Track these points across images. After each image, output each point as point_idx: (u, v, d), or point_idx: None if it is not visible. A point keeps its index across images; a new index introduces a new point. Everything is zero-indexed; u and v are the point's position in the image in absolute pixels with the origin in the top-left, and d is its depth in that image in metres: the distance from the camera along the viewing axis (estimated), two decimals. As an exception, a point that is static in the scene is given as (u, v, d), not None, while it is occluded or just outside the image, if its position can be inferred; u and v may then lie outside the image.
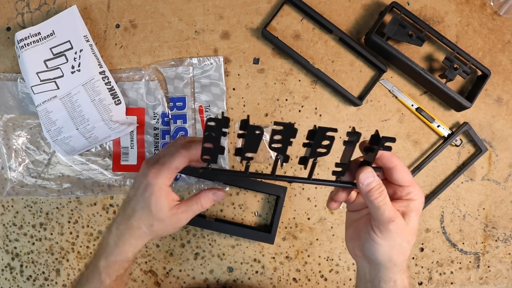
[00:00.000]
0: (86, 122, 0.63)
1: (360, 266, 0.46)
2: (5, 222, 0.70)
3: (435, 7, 0.68)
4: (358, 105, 0.68)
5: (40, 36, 0.65)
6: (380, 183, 0.41)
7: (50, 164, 0.69)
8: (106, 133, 0.65)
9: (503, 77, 0.69)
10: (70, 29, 0.65)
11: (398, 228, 0.40)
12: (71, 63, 0.64)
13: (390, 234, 0.41)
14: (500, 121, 0.69)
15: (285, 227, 0.69)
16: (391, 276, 0.43)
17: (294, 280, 0.70)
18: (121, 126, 0.65)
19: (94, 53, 0.65)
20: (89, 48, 0.65)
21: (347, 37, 0.66)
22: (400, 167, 0.42)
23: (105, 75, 0.65)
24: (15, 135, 0.69)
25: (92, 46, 0.65)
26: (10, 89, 0.68)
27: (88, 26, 0.67)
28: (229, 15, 0.68)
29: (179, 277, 0.70)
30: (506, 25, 0.69)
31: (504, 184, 0.70)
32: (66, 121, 0.63)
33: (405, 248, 0.42)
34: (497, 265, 0.70)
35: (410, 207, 0.42)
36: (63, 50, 0.64)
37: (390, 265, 0.42)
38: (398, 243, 0.41)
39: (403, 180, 0.42)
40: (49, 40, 0.65)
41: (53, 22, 0.65)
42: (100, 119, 0.64)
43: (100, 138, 0.66)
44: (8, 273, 0.71)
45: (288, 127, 0.38)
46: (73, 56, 0.64)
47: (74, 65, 0.64)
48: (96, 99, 0.63)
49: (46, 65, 0.64)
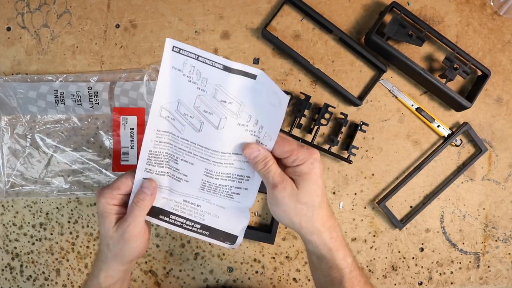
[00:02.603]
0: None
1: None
2: (5, 222, 0.70)
3: (435, 7, 0.68)
4: (358, 105, 0.68)
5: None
6: (265, 155, 0.44)
7: (50, 165, 0.69)
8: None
9: (503, 77, 0.69)
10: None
11: (284, 193, 0.43)
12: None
13: (277, 199, 0.43)
14: (500, 121, 0.69)
15: (285, 227, 0.69)
16: (308, 238, 0.45)
17: (294, 280, 0.70)
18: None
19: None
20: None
21: (347, 37, 0.66)
22: (278, 141, 0.44)
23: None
24: (15, 135, 0.69)
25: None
26: (10, 90, 0.68)
27: (88, 26, 0.68)
28: (229, 15, 0.68)
29: (179, 277, 0.70)
30: (506, 25, 0.69)
31: (504, 184, 0.70)
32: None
33: (303, 210, 0.43)
34: (497, 265, 0.70)
35: (297, 172, 0.43)
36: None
37: (297, 228, 0.44)
38: (291, 207, 0.43)
39: (283, 152, 0.44)
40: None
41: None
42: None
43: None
44: (8, 273, 0.71)
45: (306, 97, 0.65)
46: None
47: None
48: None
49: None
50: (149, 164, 0.46)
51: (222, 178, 0.47)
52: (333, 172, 0.69)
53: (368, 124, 0.67)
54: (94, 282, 0.50)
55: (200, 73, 0.41)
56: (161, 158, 0.46)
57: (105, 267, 0.49)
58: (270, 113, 0.44)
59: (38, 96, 0.68)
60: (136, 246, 0.47)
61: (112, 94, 0.68)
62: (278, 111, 0.43)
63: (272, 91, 0.42)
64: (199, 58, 0.41)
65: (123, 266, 0.49)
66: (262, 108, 0.43)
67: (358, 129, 0.67)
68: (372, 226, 0.70)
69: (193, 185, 0.47)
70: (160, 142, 0.45)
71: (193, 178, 0.47)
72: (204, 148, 0.45)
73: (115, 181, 0.47)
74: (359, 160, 0.69)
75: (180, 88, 0.42)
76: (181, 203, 0.48)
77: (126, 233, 0.46)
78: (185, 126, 0.44)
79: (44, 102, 0.68)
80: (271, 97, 0.43)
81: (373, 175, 0.69)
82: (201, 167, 0.46)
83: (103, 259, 0.49)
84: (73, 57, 0.69)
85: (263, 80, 0.42)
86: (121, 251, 0.47)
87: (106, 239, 0.47)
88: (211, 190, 0.48)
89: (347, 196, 0.69)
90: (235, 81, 0.41)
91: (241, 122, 0.44)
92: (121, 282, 0.51)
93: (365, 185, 0.69)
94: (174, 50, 0.41)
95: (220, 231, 0.49)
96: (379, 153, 0.69)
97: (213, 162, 0.46)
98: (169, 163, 0.47)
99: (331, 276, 0.46)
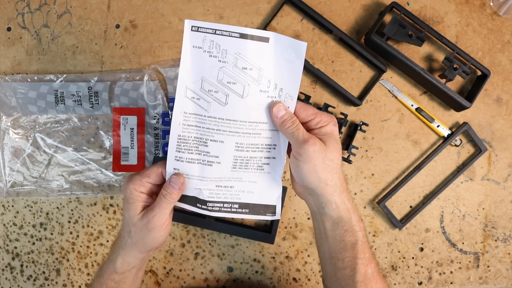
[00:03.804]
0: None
1: (308, 204, 0.49)
2: (5, 222, 0.70)
3: (435, 7, 0.69)
4: (358, 105, 0.68)
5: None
6: (291, 115, 0.46)
7: (50, 165, 0.69)
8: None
9: (502, 77, 0.69)
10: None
11: (314, 147, 0.44)
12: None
13: (308, 154, 0.44)
14: (499, 121, 0.69)
15: (285, 227, 0.69)
16: (329, 198, 0.46)
17: (294, 280, 0.70)
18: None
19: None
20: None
21: (347, 37, 0.66)
22: (300, 107, 0.47)
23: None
24: (15, 135, 0.69)
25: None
26: (10, 90, 0.68)
27: (88, 26, 0.68)
28: (229, 15, 0.68)
29: (179, 276, 0.70)
30: (505, 25, 0.69)
31: (504, 184, 0.70)
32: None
33: (330, 166, 0.45)
34: (496, 265, 0.71)
35: (322, 132, 0.46)
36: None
37: (322, 185, 0.45)
38: (320, 162, 0.44)
39: (307, 115, 0.47)
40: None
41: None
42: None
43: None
44: (9, 273, 0.71)
45: (306, 97, 0.65)
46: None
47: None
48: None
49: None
50: (178, 151, 0.47)
51: (252, 150, 0.48)
52: (333, 172, 0.69)
53: (368, 124, 0.67)
54: (110, 267, 0.50)
55: (219, 45, 0.44)
56: (190, 144, 0.47)
57: (123, 252, 0.49)
58: (287, 72, 0.46)
59: (38, 96, 0.68)
60: (158, 237, 0.48)
61: (112, 94, 0.68)
62: (296, 65, 0.46)
63: (286, 47, 0.45)
64: (216, 31, 0.43)
65: (141, 254, 0.50)
66: (279, 69, 0.45)
67: (358, 129, 0.67)
68: (372, 226, 0.70)
69: (225, 165, 0.48)
70: (188, 126, 0.47)
71: (224, 158, 0.48)
72: (232, 121, 0.46)
73: (146, 169, 0.48)
74: (359, 160, 0.69)
75: (202, 65, 0.44)
76: (214, 190, 0.49)
77: (151, 223, 0.46)
78: (211, 103, 0.46)
79: (44, 102, 0.68)
80: (286, 53, 0.45)
81: (373, 175, 0.69)
82: (232, 142, 0.47)
83: (122, 245, 0.49)
84: (73, 57, 0.69)
85: (275, 40, 0.44)
86: (142, 239, 0.48)
87: (129, 225, 0.47)
88: (243, 166, 0.49)
89: (347, 196, 0.69)
90: (252, 47, 0.44)
91: (262, 89, 0.46)
92: (137, 270, 0.51)
93: (365, 185, 0.69)
94: (193, 29, 0.43)
95: (259, 205, 0.50)
96: (379, 153, 0.69)
97: (242, 133, 0.47)
98: (198, 148, 0.47)
99: (345, 241, 0.47)
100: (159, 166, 0.48)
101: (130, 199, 0.47)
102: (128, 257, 0.49)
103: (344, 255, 0.47)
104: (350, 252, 0.47)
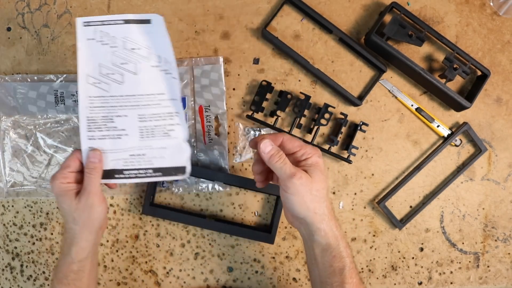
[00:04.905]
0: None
1: (300, 232, 0.52)
2: (5, 222, 0.70)
3: (435, 7, 0.69)
4: (358, 105, 0.68)
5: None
6: (278, 149, 0.49)
7: (50, 165, 0.69)
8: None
9: (502, 77, 0.69)
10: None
11: (301, 181, 0.47)
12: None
13: (296, 187, 0.47)
14: (499, 121, 0.69)
15: (285, 227, 0.69)
16: (318, 226, 0.49)
17: (294, 280, 0.70)
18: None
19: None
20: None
21: (347, 37, 0.66)
22: (287, 139, 0.50)
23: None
24: (15, 135, 0.69)
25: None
26: (10, 90, 0.68)
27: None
28: (229, 15, 0.68)
29: (179, 277, 0.70)
30: (505, 25, 0.69)
31: (504, 184, 0.70)
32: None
33: (317, 196, 0.48)
34: (496, 265, 0.71)
35: (308, 164, 0.49)
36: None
37: (311, 214, 0.48)
38: (307, 194, 0.48)
39: (293, 146, 0.50)
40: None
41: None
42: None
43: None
44: (9, 273, 0.71)
45: (306, 97, 0.65)
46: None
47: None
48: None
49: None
50: (89, 130, 0.52)
51: (155, 119, 0.53)
52: (333, 172, 0.69)
53: (368, 124, 0.67)
54: (67, 260, 0.52)
55: (108, 33, 0.51)
56: (99, 123, 0.52)
57: (75, 241, 0.51)
58: (164, 44, 0.52)
59: (38, 96, 0.68)
60: (100, 211, 0.51)
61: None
62: (160, 35, 0.52)
63: (159, 24, 0.52)
64: (104, 22, 0.51)
65: (92, 235, 0.52)
66: (165, 45, 0.52)
67: (358, 129, 0.67)
68: (372, 226, 0.70)
69: (133, 136, 0.53)
70: (94, 108, 0.52)
71: (131, 129, 0.53)
72: (131, 96, 0.52)
73: (65, 161, 0.52)
74: (359, 160, 0.69)
75: (97, 53, 0.51)
76: (128, 159, 0.54)
77: (89, 199, 0.50)
78: (110, 84, 0.52)
79: (44, 102, 0.68)
80: (164, 31, 0.52)
81: (373, 175, 0.69)
82: (134, 115, 0.53)
83: (71, 237, 0.51)
84: (73, 57, 0.69)
85: (156, 21, 0.51)
86: (88, 218, 0.51)
87: (71, 214, 0.50)
88: (150, 135, 0.53)
89: (347, 196, 0.69)
90: (136, 30, 0.51)
91: (153, 64, 0.52)
92: (92, 256, 0.53)
93: (365, 185, 0.69)
94: (84, 25, 0.51)
95: (170, 168, 0.54)
96: (379, 153, 0.69)
97: (142, 106, 0.52)
98: (106, 125, 0.53)
99: (333, 266, 0.49)
100: (74, 153, 0.52)
101: (62, 192, 0.50)
102: (81, 242, 0.51)
103: (333, 279, 0.49)
104: (338, 277, 0.49)
